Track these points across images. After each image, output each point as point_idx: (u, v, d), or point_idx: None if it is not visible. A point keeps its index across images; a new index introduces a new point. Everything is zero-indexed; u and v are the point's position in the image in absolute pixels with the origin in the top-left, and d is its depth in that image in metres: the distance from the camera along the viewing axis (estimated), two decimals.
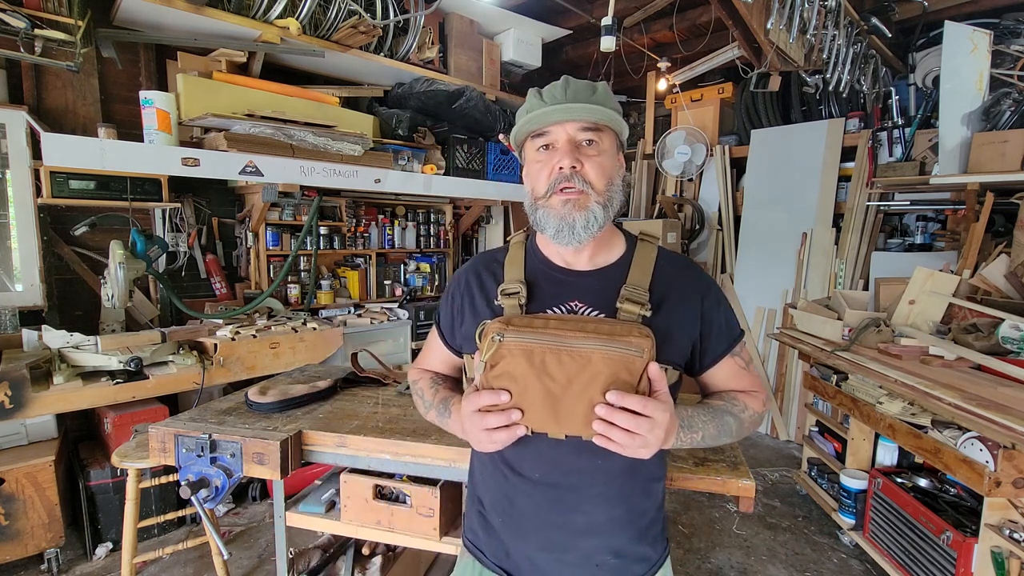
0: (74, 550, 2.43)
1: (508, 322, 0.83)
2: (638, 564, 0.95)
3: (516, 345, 0.80)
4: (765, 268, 4.20)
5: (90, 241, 2.78)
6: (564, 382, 0.79)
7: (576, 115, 0.87)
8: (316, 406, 1.65)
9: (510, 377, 0.82)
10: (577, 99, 0.88)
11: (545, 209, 0.90)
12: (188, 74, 2.72)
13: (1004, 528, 1.76)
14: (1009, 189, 2.90)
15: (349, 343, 3.10)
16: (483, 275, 1.01)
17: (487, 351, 0.82)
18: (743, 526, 2.78)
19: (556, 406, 0.79)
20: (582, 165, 0.88)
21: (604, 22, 2.83)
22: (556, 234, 0.89)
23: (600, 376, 0.78)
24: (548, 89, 0.91)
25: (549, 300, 0.93)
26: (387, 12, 3.24)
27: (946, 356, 2.17)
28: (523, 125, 0.92)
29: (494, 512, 0.97)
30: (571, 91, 0.89)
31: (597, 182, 0.88)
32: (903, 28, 3.84)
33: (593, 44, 4.43)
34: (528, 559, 0.94)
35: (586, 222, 0.88)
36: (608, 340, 0.79)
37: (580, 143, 0.89)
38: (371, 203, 3.88)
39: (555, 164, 0.89)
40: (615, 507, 0.91)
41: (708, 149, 4.47)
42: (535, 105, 0.90)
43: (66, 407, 2.18)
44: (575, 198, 0.88)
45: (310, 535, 2.37)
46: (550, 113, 0.88)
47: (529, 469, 0.91)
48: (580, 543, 0.91)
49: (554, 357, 0.79)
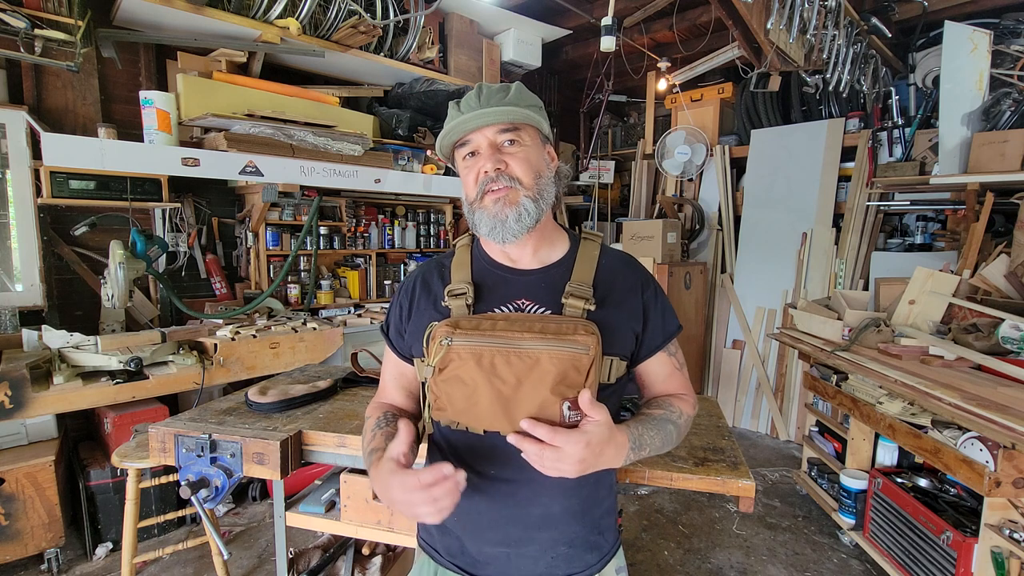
0: (74, 550, 2.43)
1: (456, 325, 0.85)
2: (591, 553, 0.98)
3: (464, 349, 0.82)
4: (765, 268, 4.20)
5: (90, 241, 2.78)
6: (514, 383, 0.81)
7: (491, 119, 0.89)
8: (316, 406, 1.65)
9: (459, 380, 0.84)
10: (491, 103, 0.90)
11: (480, 211, 0.92)
12: (188, 74, 2.72)
13: (1004, 528, 1.76)
14: (1009, 189, 2.90)
15: (349, 343, 3.10)
16: (429, 279, 1.02)
17: (435, 355, 0.83)
18: (743, 526, 2.78)
19: (507, 406, 0.81)
20: (506, 164, 0.91)
21: (604, 22, 2.83)
22: (490, 232, 0.92)
23: (548, 375, 0.80)
24: (464, 99, 0.93)
25: (496, 299, 0.94)
26: (387, 12, 3.24)
27: (946, 356, 2.17)
28: (444, 137, 0.94)
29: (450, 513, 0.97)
30: (484, 97, 0.91)
31: (524, 177, 0.91)
32: (903, 28, 3.84)
33: (593, 44, 4.43)
34: (484, 554, 0.95)
35: (518, 216, 0.90)
36: (555, 340, 0.81)
37: (501, 144, 0.92)
38: (371, 203, 3.88)
39: (480, 168, 0.91)
40: (570, 498, 0.93)
41: (708, 149, 4.47)
42: (453, 116, 0.92)
43: (66, 407, 2.18)
44: (504, 194, 0.90)
45: (310, 535, 2.38)
46: (467, 121, 0.90)
47: (485, 466, 0.92)
48: (537, 536, 0.93)
49: (503, 359, 0.81)
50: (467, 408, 0.86)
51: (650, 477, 1.26)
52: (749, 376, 4.23)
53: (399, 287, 1.07)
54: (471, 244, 1.04)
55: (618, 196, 5.63)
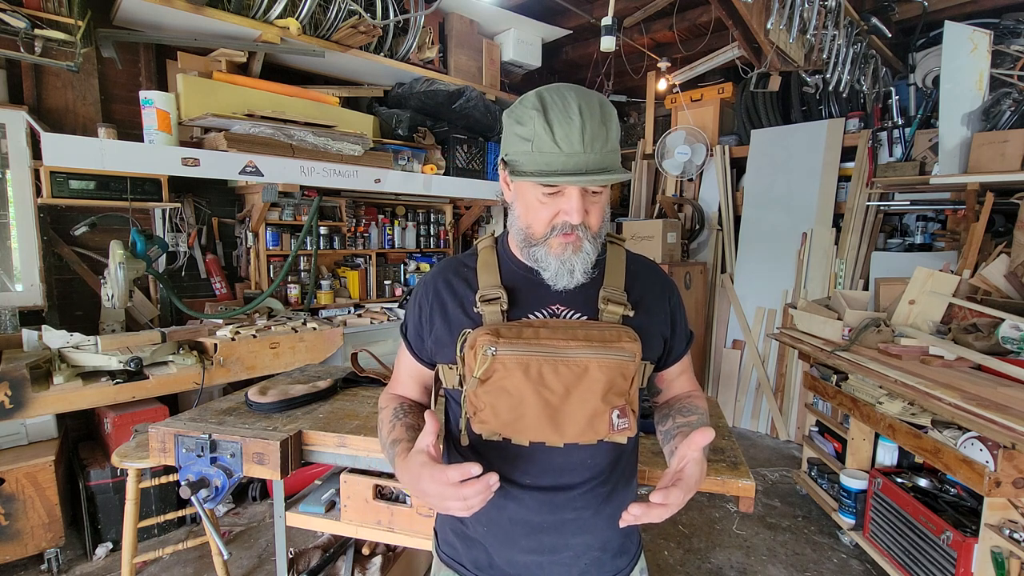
0: (74, 550, 2.43)
1: (497, 333, 0.82)
2: (621, 558, 0.98)
3: (510, 359, 0.79)
4: (765, 268, 4.20)
5: (90, 241, 2.78)
6: (562, 392, 0.79)
7: (597, 180, 0.79)
8: (316, 406, 1.65)
9: (505, 391, 0.81)
10: (594, 148, 0.79)
11: (544, 249, 0.86)
12: (188, 74, 2.72)
13: (1004, 528, 1.76)
14: (1009, 189, 2.90)
15: (349, 343, 3.09)
16: (454, 281, 0.95)
17: (480, 366, 0.80)
18: (743, 526, 2.78)
19: (555, 416, 0.79)
20: (587, 214, 0.84)
21: (604, 22, 2.83)
22: (555, 276, 0.87)
23: (598, 384, 0.79)
24: (560, 126, 0.79)
25: (530, 305, 0.90)
26: (387, 12, 3.24)
27: (946, 356, 2.17)
28: (531, 168, 0.81)
29: (477, 523, 0.94)
30: (588, 137, 0.79)
31: (595, 227, 0.87)
32: (903, 28, 3.84)
33: (593, 44, 4.43)
34: (515, 563, 0.93)
35: (583, 264, 0.86)
36: (602, 347, 0.80)
37: (589, 194, 0.85)
38: (371, 203, 3.88)
39: (561, 213, 0.84)
40: (603, 504, 0.93)
41: (708, 149, 4.47)
42: (544, 144, 0.79)
43: (66, 407, 2.18)
44: (573, 240, 0.85)
45: (310, 535, 2.37)
46: (566, 171, 0.79)
47: (520, 475, 0.90)
48: (571, 541, 0.92)
49: (551, 368, 0.79)
50: (512, 420, 0.84)
51: (650, 477, 1.26)
52: (749, 376, 4.23)
53: (416, 287, 1.02)
54: (495, 246, 0.98)
55: (618, 196, 5.63)
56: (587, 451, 0.89)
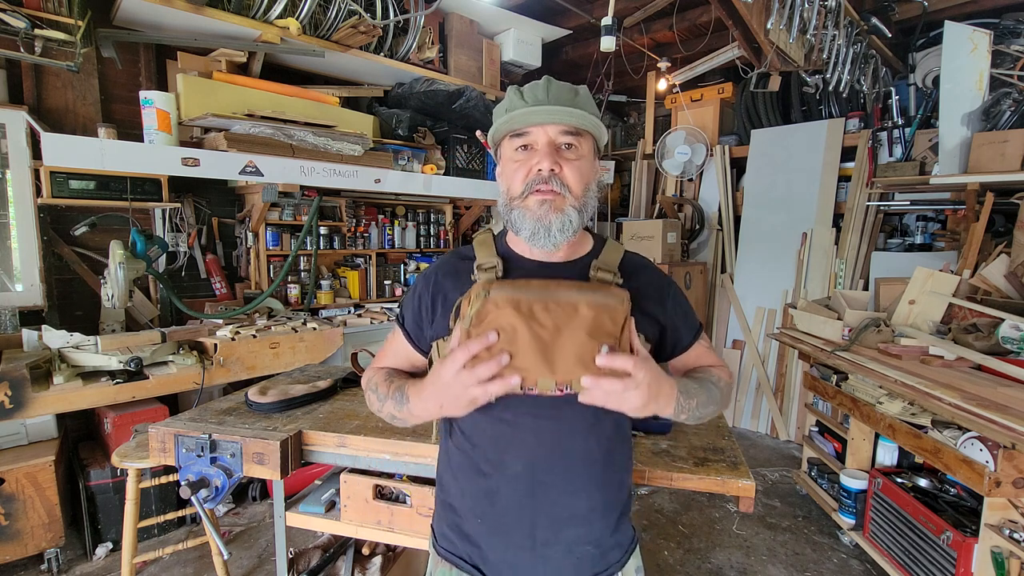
0: (74, 550, 2.43)
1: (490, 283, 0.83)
2: (614, 551, 0.98)
3: (503, 297, 0.80)
4: (765, 268, 4.20)
5: (90, 241, 2.78)
6: (553, 328, 0.79)
7: (558, 118, 0.87)
8: (316, 406, 1.65)
9: (498, 328, 0.81)
10: (559, 101, 0.87)
11: (521, 210, 0.89)
12: (188, 74, 2.72)
13: (1004, 528, 1.76)
14: (1009, 189, 2.90)
15: (349, 343, 3.09)
16: (458, 266, 0.99)
17: (473, 306, 0.80)
18: (743, 526, 2.78)
19: (547, 352, 0.79)
20: (561, 168, 0.87)
21: (604, 22, 2.83)
22: (532, 236, 0.89)
23: (587, 321, 0.79)
24: (529, 88, 0.89)
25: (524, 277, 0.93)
26: (387, 12, 3.24)
27: (946, 356, 2.17)
28: (503, 124, 0.90)
29: (472, 515, 0.96)
30: (553, 92, 0.87)
31: (575, 186, 0.88)
32: (903, 28, 3.84)
33: (593, 44, 4.43)
34: (507, 560, 0.94)
35: (562, 225, 0.88)
36: (591, 291, 0.81)
37: (560, 146, 0.89)
38: (371, 203, 3.88)
39: (533, 165, 0.88)
40: (594, 494, 0.93)
41: (708, 149, 4.47)
42: (516, 104, 0.89)
43: (66, 407, 2.18)
44: (552, 199, 0.87)
45: (310, 535, 2.37)
46: (531, 114, 0.87)
47: (512, 461, 0.91)
48: (563, 533, 0.92)
49: (541, 306, 0.79)
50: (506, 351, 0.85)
51: (650, 477, 1.26)
52: (749, 376, 4.23)
53: (416, 281, 1.04)
54: (492, 236, 1.01)
55: (618, 196, 5.63)
56: (580, 437, 0.91)
